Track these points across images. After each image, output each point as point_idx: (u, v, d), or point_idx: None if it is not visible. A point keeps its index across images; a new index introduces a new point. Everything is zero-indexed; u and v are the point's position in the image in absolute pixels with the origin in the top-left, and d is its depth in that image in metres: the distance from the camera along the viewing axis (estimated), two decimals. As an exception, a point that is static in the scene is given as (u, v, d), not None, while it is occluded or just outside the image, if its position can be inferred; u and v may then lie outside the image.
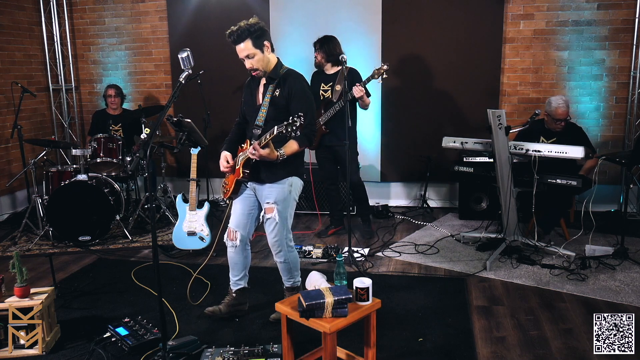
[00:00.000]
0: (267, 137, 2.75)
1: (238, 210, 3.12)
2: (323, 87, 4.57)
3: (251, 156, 2.83)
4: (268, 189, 2.99)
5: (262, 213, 3.07)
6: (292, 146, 2.88)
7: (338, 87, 4.45)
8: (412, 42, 5.50)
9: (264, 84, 3.01)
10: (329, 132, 4.48)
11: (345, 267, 2.77)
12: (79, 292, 3.69)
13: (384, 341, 2.90)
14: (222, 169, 3.08)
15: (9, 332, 2.86)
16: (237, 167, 3.02)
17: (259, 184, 3.03)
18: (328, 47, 4.48)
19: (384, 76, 4.29)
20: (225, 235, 3.18)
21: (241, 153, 3.03)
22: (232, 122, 3.28)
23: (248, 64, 2.90)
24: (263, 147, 2.78)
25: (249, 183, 3.08)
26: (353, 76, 4.38)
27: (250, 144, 2.89)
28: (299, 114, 2.64)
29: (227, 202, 3.22)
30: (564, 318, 3.18)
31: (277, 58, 3.00)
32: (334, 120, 4.45)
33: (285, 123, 2.64)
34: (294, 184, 3.03)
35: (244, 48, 2.84)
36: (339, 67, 4.49)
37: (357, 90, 4.23)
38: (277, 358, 2.67)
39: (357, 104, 4.46)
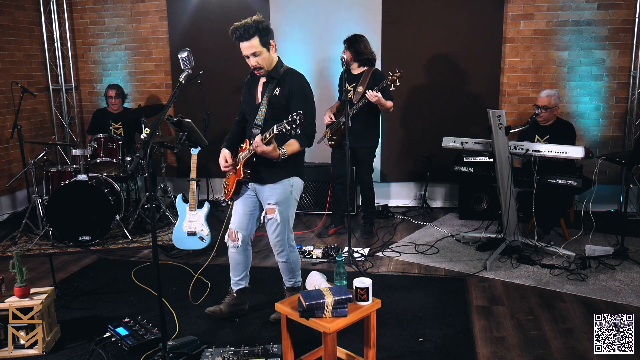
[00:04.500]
0: (268, 135, 2.74)
1: (239, 210, 3.12)
2: (347, 87, 4.56)
3: (255, 149, 2.79)
4: (269, 189, 2.99)
5: (263, 214, 3.06)
6: (293, 145, 2.86)
7: (360, 89, 4.43)
8: (412, 42, 5.49)
9: (264, 83, 2.99)
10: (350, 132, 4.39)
11: (345, 267, 2.77)
12: (79, 292, 3.68)
13: (384, 341, 2.90)
14: (222, 168, 3.06)
15: (9, 332, 2.86)
16: (237, 168, 3.01)
17: (260, 185, 3.03)
18: (356, 46, 4.44)
19: (397, 83, 4.26)
20: (227, 236, 3.17)
21: (241, 153, 3.01)
22: (232, 122, 3.26)
23: (253, 61, 2.85)
24: (267, 144, 2.75)
25: (249, 183, 3.07)
26: (376, 79, 4.35)
27: (250, 144, 2.89)
28: (299, 111, 2.61)
29: (229, 202, 3.21)
30: (564, 318, 3.18)
31: (278, 57, 2.99)
32: (356, 121, 4.42)
33: (285, 121, 2.62)
34: (295, 184, 3.02)
35: (250, 45, 2.79)
36: (365, 68, 4.49)
37: (370, 95, 4.21)
38: (277, 358, 2.67)
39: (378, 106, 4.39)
